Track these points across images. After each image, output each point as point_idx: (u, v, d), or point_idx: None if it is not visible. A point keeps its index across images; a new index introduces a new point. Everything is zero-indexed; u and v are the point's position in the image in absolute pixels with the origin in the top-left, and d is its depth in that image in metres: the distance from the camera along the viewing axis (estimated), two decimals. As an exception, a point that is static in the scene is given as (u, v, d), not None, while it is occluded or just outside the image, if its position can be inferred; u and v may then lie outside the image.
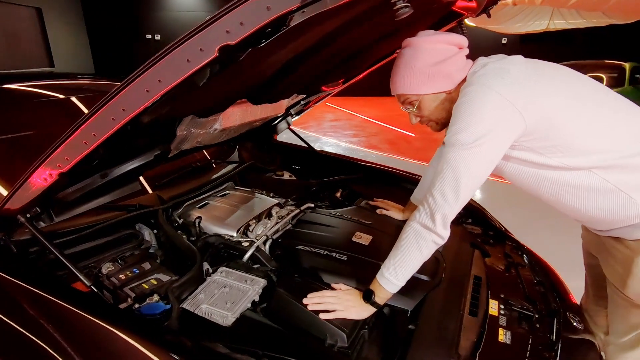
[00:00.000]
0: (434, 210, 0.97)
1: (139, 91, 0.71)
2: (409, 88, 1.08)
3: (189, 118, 1.10)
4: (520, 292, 1.30)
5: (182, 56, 0.65)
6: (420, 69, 1.04)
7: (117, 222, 1.34)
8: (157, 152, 1.15)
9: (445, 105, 1.10)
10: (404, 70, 1.06)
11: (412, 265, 1.03)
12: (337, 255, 1.28)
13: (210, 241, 1.40)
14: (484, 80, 0.94)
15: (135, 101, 0.73)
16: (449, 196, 0.94)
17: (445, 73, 1.04)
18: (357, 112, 8.97)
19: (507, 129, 0.92)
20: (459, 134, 0.92)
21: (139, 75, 0.69)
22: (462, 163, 0.92)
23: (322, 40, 0.98)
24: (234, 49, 0.64)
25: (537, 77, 0.96)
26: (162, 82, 0.68)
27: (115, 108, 0.74)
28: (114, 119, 0.76)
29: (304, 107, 2.01)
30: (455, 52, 1.04)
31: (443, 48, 1.04)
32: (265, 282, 1.17)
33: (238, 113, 1.31)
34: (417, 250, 1.01)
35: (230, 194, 1.77)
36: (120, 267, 1.21)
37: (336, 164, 2.18)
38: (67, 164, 0.84)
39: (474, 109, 0.92)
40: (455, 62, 1.04)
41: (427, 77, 1.04)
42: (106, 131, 0.78)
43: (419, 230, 1.01)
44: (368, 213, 1.61)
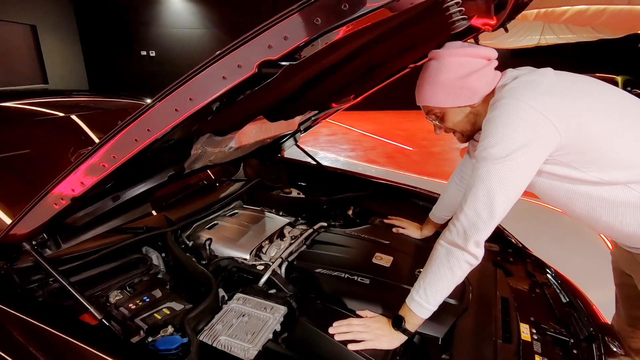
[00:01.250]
0: (466, 229, 0.92)
1: (167, 110, 0.65)
2: (432, 101, 1.07)
3: (205, 136, 1.04)
4: (550, 314, 1.25)
5: (218, 72, 0.60)
6: (445, 82, 1.02)
7: (125, 247, 1.27)
8: (171, 173, 1.09)
9: (470, 118, 1.08)
10: (429, 82, 1.05)
11: (444, 287, 0.97)
12: (359, 278, 1.21)
13: (222, 264, 1.33)
14: (516, 93, 0.91)
15: (162, 121, 0.67)
16: (483, 213, 0.90)
17: (470, 87, 1.02)
18: (353, 126, 8.98)
19: (542, 143, 0.89)
20: (492, 147, 0.89)
21: (170, 92, 0.63)
22: (495, 178, 0.88)
23: (348, 55, 0.94)
24: (273, 65, 0.59)
25: (570, 89, 0.93)
26: (193, 100, 0.63)
27: (139, 128, 0.68)
28: (137, 139, 0.70)
29: (313, 122, 1.97)
30: (483, 65, 1.01)
31: (469, 61, 1.01)
32: (285, 309, 1.10)
33: (254, 131, 1.26)
34: (450, 272, 0.96)
35: (240, 213, 1.70)
36: (129, 296, 1.13)
37: (344, 180, 2.13)
38: (82, 188, 0.78)
39: (507, 122, 0.89)
40: (481, 76, 1.01)
41: (451, 90, 1.03)
42: (127, 153, 0.73)
43: (451, 250, 0.95)
44: (384, 231, 1.56)
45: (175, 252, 1.29)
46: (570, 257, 2.90)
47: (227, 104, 0.73)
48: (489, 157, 0.89)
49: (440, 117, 1.10)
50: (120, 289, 1.16)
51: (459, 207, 0.96)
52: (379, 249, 1.39)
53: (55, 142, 1.66)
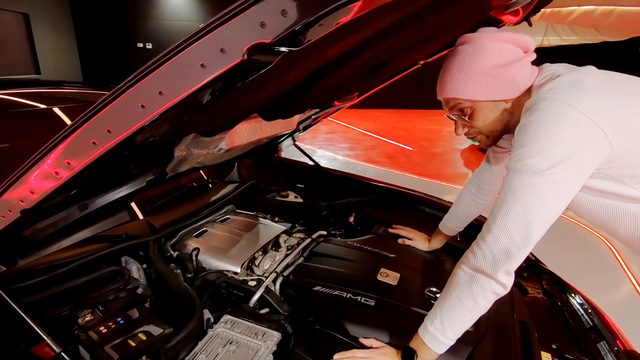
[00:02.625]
0: (496, 254, 0.78)
1: (132, 107, 0.51)
2: (462, 91, 0.90)
3: (190, 137, 0.90)
4: (573, 341, 1.12)
5: (194, 59, 0.46)
6: (481, 70, 0.87)
7: (99, 257, 1.13)
8: (150, 177, 0.94)
9: (503, 116, 0.93)
10: (460, 70, 0.89)
11: (464, 319, 0.84)
12: (362, 299, 1.08)
13: (210, 279, 1.19)
14: (560, 94, 0.77)
15: (125, 120, 0.53)
16: (517, 236, 0.76)
17: (510, 78, 0.87)
18: (352, 124, 8.84)
19: (591, 155, 0.75)
20: (530, 158, 0.75)
21: (132, 85, 0.49)
22: (532, 194, 0.74)
23: (359, 46, 0.80)
24: (266, 50, 0.45)
25: (621, 91, 0.79)
26: (164, 94, 0.49)
27: (97, 129, 0.54)
28: (96, 142, 0.56)
29: (313, 121, 1.83)
30: (522, 56, 0.87)
31: (509, 49, 0.87)
32: (279, 335, 0.96)
33: (247, 130, 1.12)
34: (472, 302, 0.82)
35: (232, 219, 1.56)
36: (101, 316, 0.99)
37: (345, 184, 2.00)
38: (33, 200, 0.64)
39: (550, 128, 0.74)
40: (521, 67, 0.87)
41: (488, 80, 0.88)
42: (85, 158, 0.58)
43: (475, 277, 0.82)
44: (389, 243, 1.42)
45: (157, 266, 1.15)
46: (581, 269, 2.78)
47: (213, 99, 0.59)
48: (526, 169, 0.75)
49: (468, 113, 0.93)
50: (92, 307, 1.02)
51: (485, 226, 0.82)
52: (384, 263, 1.26)
53: (29, 136, 1.51)
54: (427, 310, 1.08)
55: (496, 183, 1.24)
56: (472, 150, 6.53)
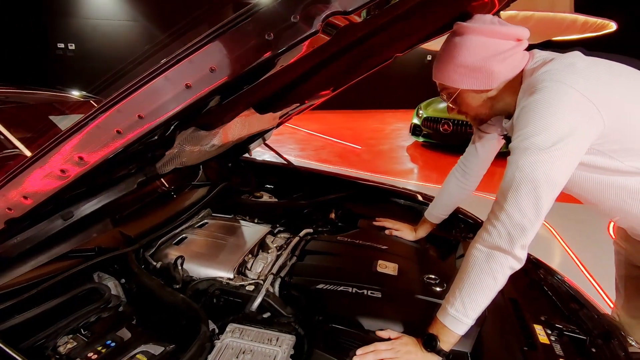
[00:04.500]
0: (511, 230, 0.81)
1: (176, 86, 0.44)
2: (447, 79, 0.98)
3: (188, 131, 0.82)
4: (558, 312, 1.20)
5: (244, 36, 0.41)
6: (462, 62, 0.93)
7: (72, 276, 0.99)
8: (141, 179, 0.84)
9: (486, 103, 1.00)
10: (446, 59, 0.96)
11: (485, 297, 0.86)
12: (368, 292, 1.07)
13: (202, 288, 1.10)
14: (557, 75, 0.82)
15: (159, 108, 0.46)
16: (528, 209, 0.79)
17: (490, 70, 0.92)
18: (298, 126, 8.83)
19: (588, 130, 0.81)
20: (535, 136, 0.79)
21: (160, 73, 0.42)
22: (540, 169, 0.78)
23: (356, 41, 0.79)
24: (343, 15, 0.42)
25: (608, 73, 0.87)
26: (216, 71, 0.43)
27: (126, 115, 0.46)
28: (121, 131, 0.48)
29: (285, 119, 1.78)
30: (510, 47, 0.91)
31: (495, 42, 0.91)
32: (294, 338, 0.91)
33: (237, 126, 1.05)
34: (492, 279, 0.85)
35: (210, 223, 1.46)
36: (85, 342, 0.87)
37: (318, 181, 1.97)
38: (27, 205, 0.53)
39: (551, 108, 0.79)
40: (505, 59, 0.91)
41: (468, 72, 0.94)
42: (101, 151, 0.50)
43: (493, 255, 0.84)
44: (377, 235, 1.43)
45: (142, 278, 1.03)
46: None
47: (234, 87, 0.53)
48: (532, 146, 0.79)
49: (453, 98, 1.01)
50: (73, 332, 0.89)
51: (495, 205, 0.85)
52: (379, 255, 1.25)
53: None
54: (429, 296, 1.10)
55: (481, 168, 1.30)
56: (417, 147, 6.86)
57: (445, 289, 1.12)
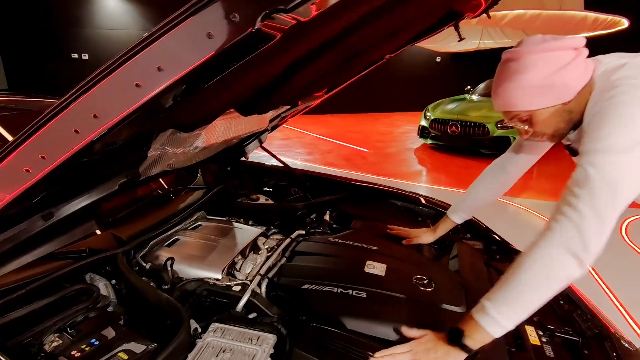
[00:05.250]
0: (584, 231, 0.75)
1: (124, 88, 0.45)
2: (517, 105, 0.92)
3: (167, 133, 0.83)
4: (551, 313, 1.18)
5: (194, 31, 0.42)
6: (530, 82, 0.89)
7: (62, 276, 1.01)
8: (123, 180, 0.86)
9: (563, 116, 0.94)
10: (510, 85, 0.91)
11: (533, 302, 0.80)
12: (353, 292, 1.06)
13: (189, 288, 1.11)
14: (634, 80, 0.80)
15: (115, 105, 0.47)
16: (605, 212, 0.75)
17: (561, 84, 0.88)
18: (306, 130, 8.86)
19: None
20: (612, 137, 0.76)
21: (111, 71, 0.44)
22: (619, 170, 0.75)
23: (333, 38, 0.79)
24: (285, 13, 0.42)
25: None
26: (164, 70, 0.44)
27: (65, 125, 0.48)
28: (79, 131, 0.49)
29: (280, 121, 1.79)
30: (572, 58, 0.88)
31: (554, 55, 0.87)
32: (275, 338, 0.92)
33: (222, 127, 1.06)
34: (548, 283, 0.79)
35: (203, 225, 1.48)
36: (71, 340, 0.89)
37: (315, 183, 1.98)
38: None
39: (631, 109, 0.77)
40: (572, 69, 0.88)
41: (538, 91, 0.89)
42: (63, 152, 0.51)
43: (561, 257, 0.77)
44: (369, 236, 1.42)
45: (130, 278, 1.05)
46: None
47: (193, 92, 0.54)
48: (609, 147, 0.76)
49: (527, 121, 0.95)
50: (59, 331, 0.91)
51: (565, 204, 0.79)
52: (369, 255, 1.25)
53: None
54: (419, 297, 1.09)
55: (520, 169, 1.28)
56: (425, 149, 6.81)
57: (434, 290, 1.11)
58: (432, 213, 1.77)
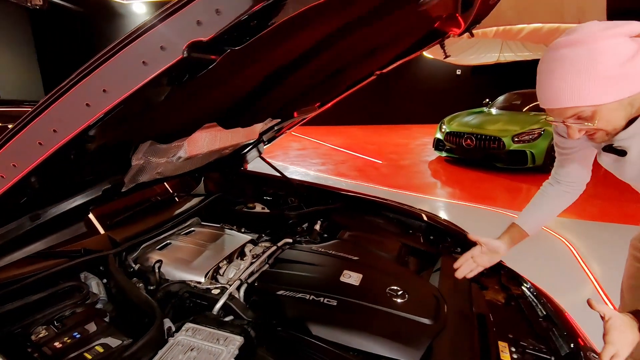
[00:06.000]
0: None
1: (77, 105, 0.53)
2: (587, 98, 0.83)
3: (147, 144, 0.91)
4: (528, 330, 1.17)
5: (136, 57, 0.49)
6: (606, 72, 0.80)
7: (56, 273, 1.10)
8: (106, 186, 0.94)
9: (627, 110, 0.88)
10: (579, 77, 0.81)
11: None
12: (325, 300, 1.10)
13: (172, 290, 1.18)
14: None
15: (72, 120, 0.54)
16: None
17: (635, 72, 0.80)
18: (323, 140, 8.96)
19: None
20: None
21: (75, 83, 0.51)
22: None
23: (304, 53, 0.85)
24: (206, 48, 0.48)
25: None
26: (108, 92, 0.51)
27: (42, 129, 0.55)
28: (42, 143, 0.57)
29: (277, 133, 1.86)
30: (638, 45, 0.80)
31: (625, 42, 0.80)
32: (242, 339, 0.96)
33: (206, 138, 1.14)
34: None
35: (197, 231, 1.55)
36: (56, 332, 0.96)
37: (312, 194, 2.03)
38: (-23, 205, 0.63)
39: None
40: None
41: (615, 81, 0.81)
42: (32, 160, 0.59)
43: None
44: (353, 246, 1.46)
45: (116, 277, 1.13)
46: (537, 264, 2.90)
47: (159, 101, 0.61)
48: None
49: (589, 117, 0.87)
50: (47, 324, 0.99)
51: None
52: (348, 265, 1.28)
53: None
54: (387, 307, 1.11)
55: (583, 175, 1.19)
56: (440, 162, 6.76)
57: (406, 301, 1.13)
58: (423, 226, 1.78)
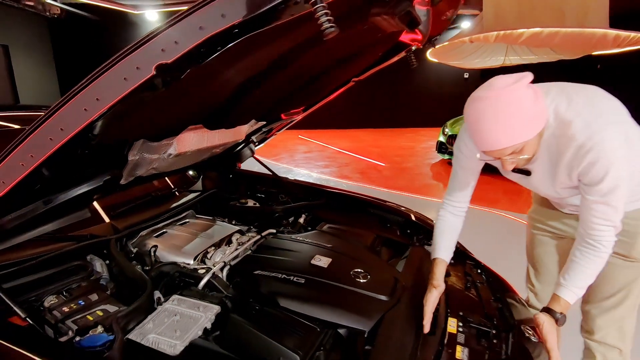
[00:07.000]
0: (616, 222, 1.08)
1: (77, 110, 0.71)
2: (520, 137, 1.00)
3: (140, 142, 1.09)
4: (479, 309, 1.31)
5: (119, 74, 0.67)
6: (527, 114, 0.98)
7: (66, 253, 1.29)
8: (107, 177, 1.13)
9: (539, 139, 1.08)
10: (511, 121, 0.97)
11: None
12: (294, 278, 1.26)
13: (164, 270, 1.36)
14: (597, 116, 1.03)
15: (74, 120, 0.72)
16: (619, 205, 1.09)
17: (541, 109, 1.01)
18: (329, 144, 9.14)
19: None
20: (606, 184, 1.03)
21: (76, 93, 0.69)
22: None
23: (271, 64, 1.02)
24: (171, 68, 0.66)
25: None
26: (100, 100, 0.69)
27: (52, 127, 0.73)
28: (52, 139, 0.75)
29: (267, 135, 2.04)
30: (533, 89, 1.00)
31: (529, 88, 0.98)
32: (218, 308, 1.13)
33: (194, 138, 1.32)
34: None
35: (190, 222, 1.73)
36: (64, 300, 1.15)
37: (300, 191, 2.19)
38: (4, 188, 0.82)
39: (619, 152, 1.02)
40: (539, 97, 1.01)
41: (533, 120, 0.99)
42: (45, 152, 0.77)
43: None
44: (329, 237, 1.62)
45: (116, 258, 1.31)
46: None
47: (141, 106, 0.79)
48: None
49: (519, 151, 1.04)
50: (57, 293, 1.18)
51: (595, 225, 1.08)
52: (320, 252, 1.44)
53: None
54: (349, 285, 1.26)
55: (469, 195, 1.36)
56: (443, 164, 6.86)
57: (368, 281, 1.29)
58: (401, 220, 1.93)
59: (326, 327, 1.10)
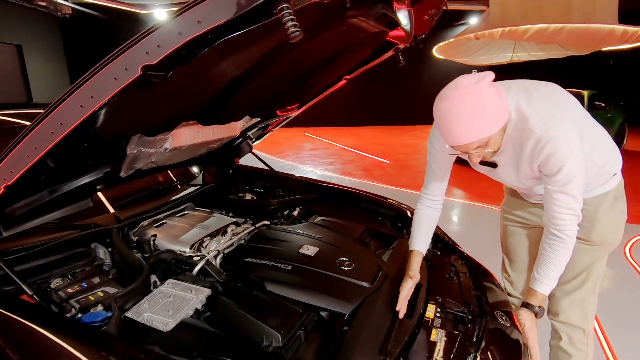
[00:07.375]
0: (577, 210, 1.17)
1: (74, 106, 0.79)
2: (485, 132, 1.06)
3: (137, 137, 1.18)
4: (457, 297, 1.38)
5: (110, 74, 0.75)
6: (491, 111, 1.04)
7: (71, 241, 1.39)
8: (107, 169, 1.22)
9: (502, 134, 1.14)
10: (477, 117, 1.03)
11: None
12: (282, 265, 1.34)
13: (162, 257, 1.45)
14: (553, 115, 1.10)
15: (72, 116, 0.81)
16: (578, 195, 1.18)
17: (504, 105, 1.08)
18: (335, 141, 9.20)
19: None
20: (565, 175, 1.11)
21: (73, 91, 0.78)
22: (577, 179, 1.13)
23: (255, 63, 1.10)
24: (156, 69, 0.74)
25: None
26: (94, 98, 0.78)
27: (53, 122, 0.82)
28: (53, 132, 0.84)
29: (264, 131, 2.12)
30: (495, 86, 1.07)
31: (492, 87, 1.05)
32: (209, 291, 1.22)
33: (189, 133, 1.40)
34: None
35: (189, 214, 1.83)
36: (69, 282, 1.25)
37: (297, 186, 2.27)
38: (12, 177, 0.91)
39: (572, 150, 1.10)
40: (502, 93, 1.08)
41: (497, 116, 1.06)
42: (47, 144, 0.86)
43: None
44: (319, 228, 1.69)
45: (117, 245, 1.41)
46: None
47: (133, 103, 0.87)
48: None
49: (484, 145, 1.11)
50: (62, 276, 1.28)
51: (558, 217, 1.16)
52: (309, 241, 1.52)
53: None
54: (335, 273, 1.34)
55: (444, 187, 1.43)
56: (446, 162, 6.86)
57: (352, 269, 1.36)
58: (391, 214, 2.00)
59: (309, 310, 1.18)
